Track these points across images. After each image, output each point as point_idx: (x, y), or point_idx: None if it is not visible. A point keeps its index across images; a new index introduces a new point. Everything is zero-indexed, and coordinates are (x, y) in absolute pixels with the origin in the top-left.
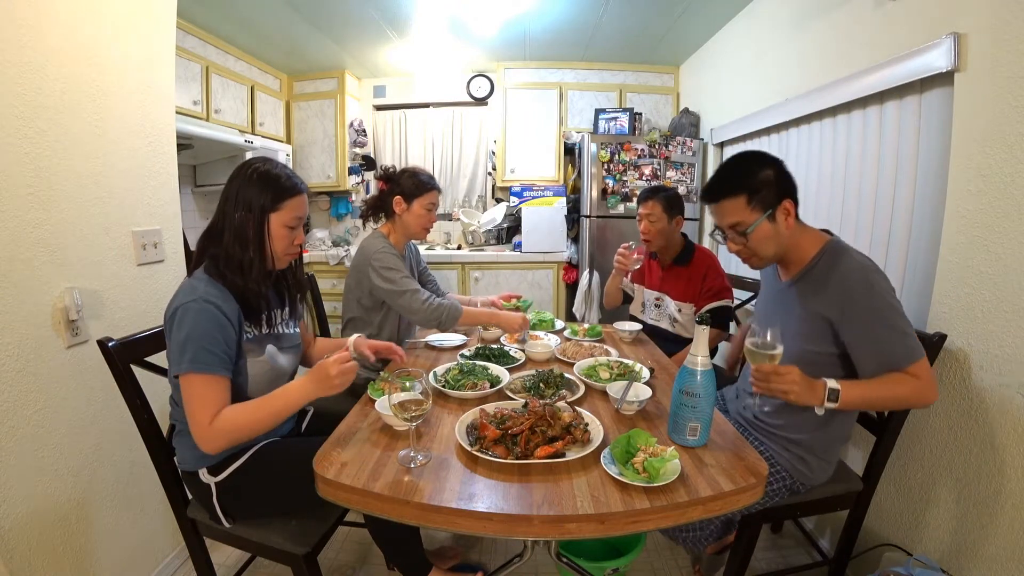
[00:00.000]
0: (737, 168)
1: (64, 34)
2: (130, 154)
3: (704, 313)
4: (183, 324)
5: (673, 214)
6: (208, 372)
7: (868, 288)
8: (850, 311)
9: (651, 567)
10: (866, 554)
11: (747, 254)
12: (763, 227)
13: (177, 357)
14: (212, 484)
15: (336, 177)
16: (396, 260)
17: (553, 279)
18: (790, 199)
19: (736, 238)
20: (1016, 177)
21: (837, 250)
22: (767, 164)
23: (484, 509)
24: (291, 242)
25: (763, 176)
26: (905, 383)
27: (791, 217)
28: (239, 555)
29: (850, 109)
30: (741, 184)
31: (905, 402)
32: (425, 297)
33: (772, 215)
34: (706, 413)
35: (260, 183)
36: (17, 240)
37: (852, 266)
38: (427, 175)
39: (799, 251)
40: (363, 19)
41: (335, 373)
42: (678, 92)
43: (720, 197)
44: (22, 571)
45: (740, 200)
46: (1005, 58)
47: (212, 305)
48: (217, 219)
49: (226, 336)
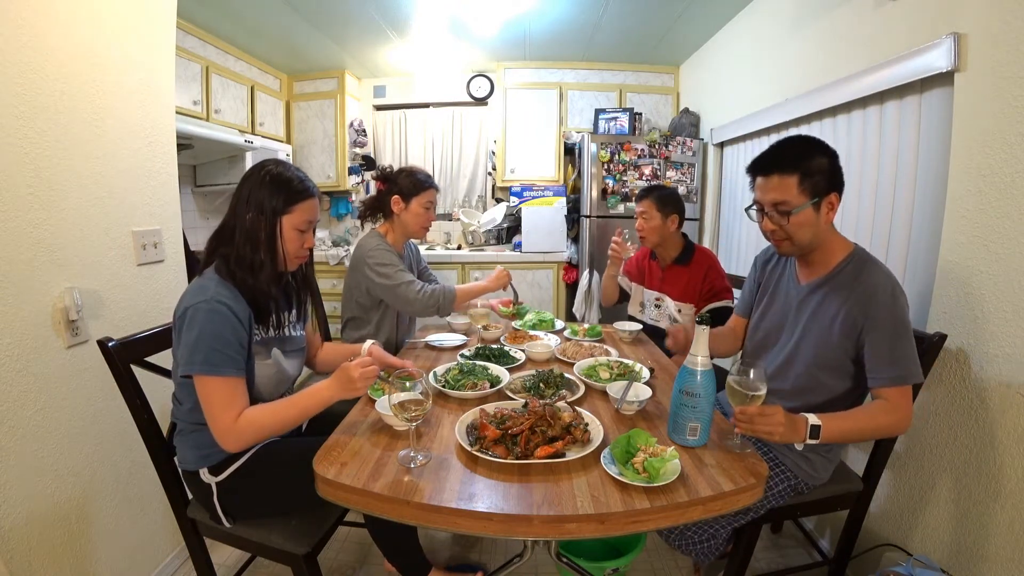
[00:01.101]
0: (797, 147)
1: (64, 34)
2: (130, 154)
3: (704, 314)
4: (194, 325)
5: (667, 212)
6: (219, 373)
7: (894, 299)
8: (875, 315)
9: (651, 567)
10: (866, 554)
11: (781, 236)
12: (807, 212)
13: (188, 357)
14: (213, 484)
15: (336, 177)
16: (390, 255)
17: (553, 279)
18: (837, 193)
19: (776, 217)
20: (1016, 177)
21: (866, 258)
22: (825, 152)
23: (484, 509)
24: (301, 245)
25: (819, 162)
26: (885, 413)
27: (833, 211)
28: (239, 555)
29: (850, 109)
30: (798, 164)
31: (882, 432)
32: (419, 287)
33: (818, 204)
34: (706, 413)
35: (272, 185)
36: (17, 240)
37: (881, 275)
38: (424, 174)
39: (827, 252)
40: (363, 19)
41: (357, 376)
42: (678, 92)
43: (773, 171)
44: (22, 571)
45: (792, 179)
46: (1005, 58)
47: (224, 306)
48: (228, 219)
49: (238, 337)
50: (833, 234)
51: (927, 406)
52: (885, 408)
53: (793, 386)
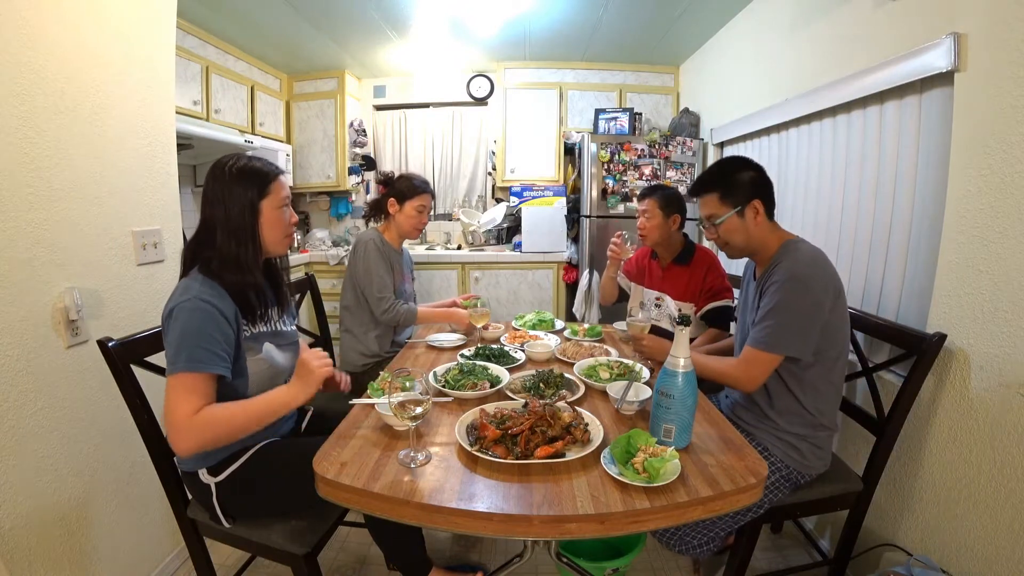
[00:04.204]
0: (718, 169)
1: (64, 34)
2: (130, 154)
3: (683, 314)
4: (177, 323)
5: (670, 211)
6: (202, 370)
7: (790, 280)
8: (769, 290)
9: (651, 567)
10: (866, 554)
11: (720, 243)
12: (732, 220)
13: (173, 357)
14: (212, 484)
15: (336, 177)
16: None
17: (553, 279)
18: (760, 200)
19: (709, 228)
20: (1016, 177)
21: (790, 247)
22: (746, 168)
23: (484, 509)
24: (287, 222)
25: (739, 177)
26: (734, 366)
27: (760, 215)
28: (239, 555)
29: (850, 109)
30: (716, 182)
31: (726, 379)
32: (386, 306)
33: (742, 211)
34: (681, 415)
35: (241, 177)
36: (17, 240)
37: (790, 260)
38: (421, 179)
39: (766, 249)
40: (363, 19)
41: (316, 364)
42: (678, 92)
43: (700, 192)
44: (22, 571)
45: (715, 195)
46: (1005, 58)
47: (207, 303)
48: (205, 223)
49: (224, 334)
50: (772, 233)
51: (927, 406)
52: (737, 362)
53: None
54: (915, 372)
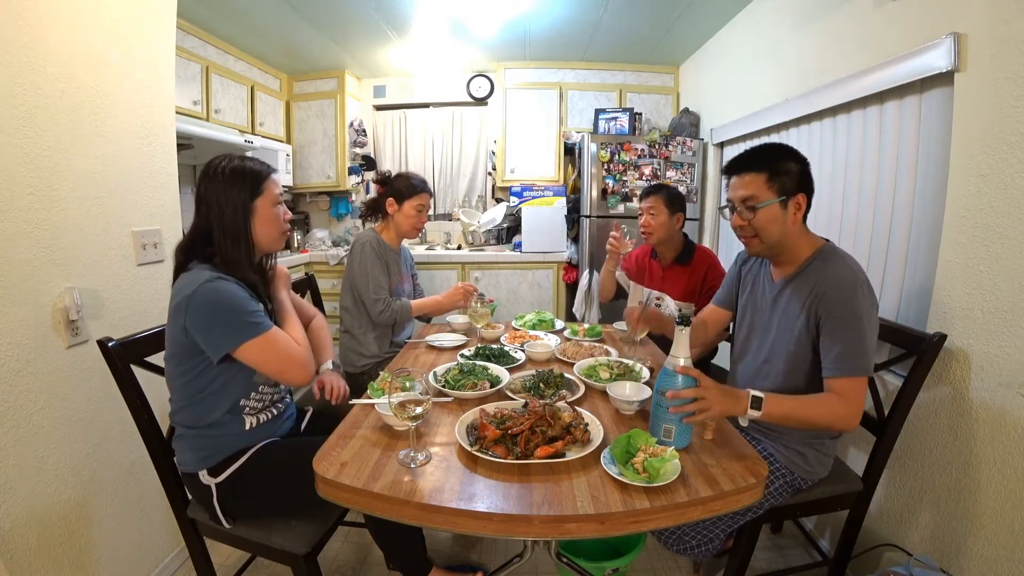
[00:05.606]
0: (767, 150)
1: (64, 34)
2: (130, 154)
3: (684, 314)
4: (210, 305)
5: (674, 209)
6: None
7: (854, 291)
8: (831, 306)
9: (651, 567)
10: (866, 554)
11: (749, 232)
12: (773, 208)
13: (234, 327)
14: (212, 485)
15: (336, 177)
16: (376, 266)
17: (553, 279)
18: (805, 195)
19: (745, 212)
20: (1016, 177)
21: (831, 252)
22: (795, 159)
23: (484, 509)
24: (282, 219)
25: (789, 165)
26: (832, 405)
27: (800, 212)
28: (239, 555)
29: (850, 109)
30: (767, 163)
31: (827, 423)
32: (381, 308)
33: (785, 202)
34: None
35: (235, 177)
36: (17, 240)
37: (842, 267)
38: (419, 179)
39: (797, 251)
40: (363, 19)
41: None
42: (678, 92)
43: (744, 170)
44: (22, 571)
45: (761, 176)
46: (1005, 58)
47: (227, 281)
48: (199, 226)
49: (253, 304)
50: (803, 235)
51: (927, 406)
52: (832, 400)
53: (773, 385)
54: (915, 372)
